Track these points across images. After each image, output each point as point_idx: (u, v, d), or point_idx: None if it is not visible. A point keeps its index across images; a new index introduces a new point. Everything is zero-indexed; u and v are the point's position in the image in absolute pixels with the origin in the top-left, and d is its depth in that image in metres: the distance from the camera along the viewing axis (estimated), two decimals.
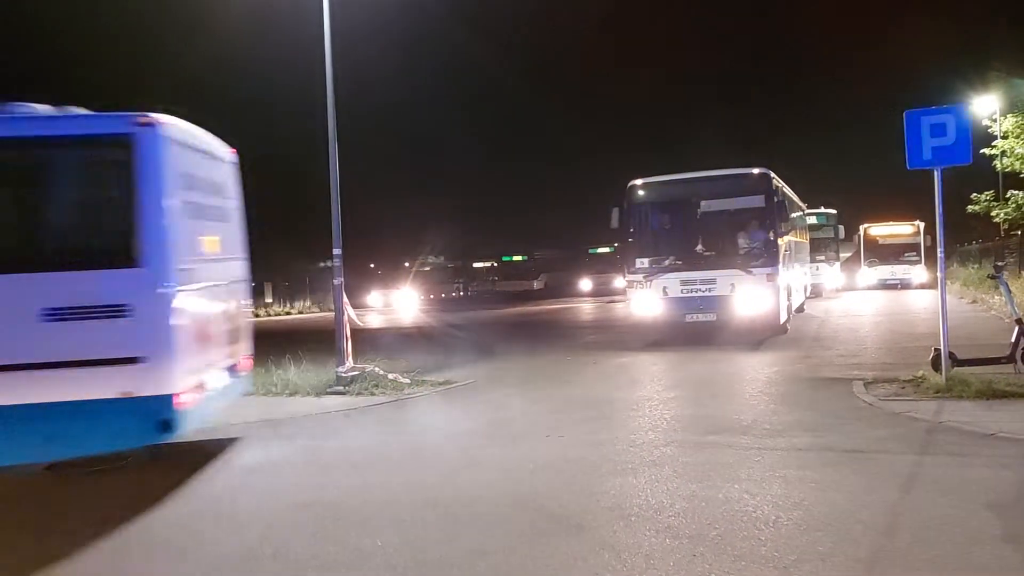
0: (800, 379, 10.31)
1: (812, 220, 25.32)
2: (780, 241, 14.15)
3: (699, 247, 14.68)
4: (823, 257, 27.23)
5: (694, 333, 14.60)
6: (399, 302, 44.69)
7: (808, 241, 23.27)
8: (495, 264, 59.21)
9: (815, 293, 25.71)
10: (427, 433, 8.33)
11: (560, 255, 54.92)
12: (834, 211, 29.60)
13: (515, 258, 53.78)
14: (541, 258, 51.56)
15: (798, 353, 12.80)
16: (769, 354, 12.93)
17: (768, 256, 13.85)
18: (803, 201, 22.74)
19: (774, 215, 14.00)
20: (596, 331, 20.41)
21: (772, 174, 14.36)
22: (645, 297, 14.47)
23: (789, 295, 15.54)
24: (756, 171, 14.29)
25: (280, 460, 7.41)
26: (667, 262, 14.61)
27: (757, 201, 14.24)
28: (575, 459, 6.68)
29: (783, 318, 14.46)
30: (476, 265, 59.67)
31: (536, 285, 49.07)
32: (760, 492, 5.47)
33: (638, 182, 14.85)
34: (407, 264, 50.26)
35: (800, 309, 19.39)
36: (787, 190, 17.09)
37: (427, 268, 51.60)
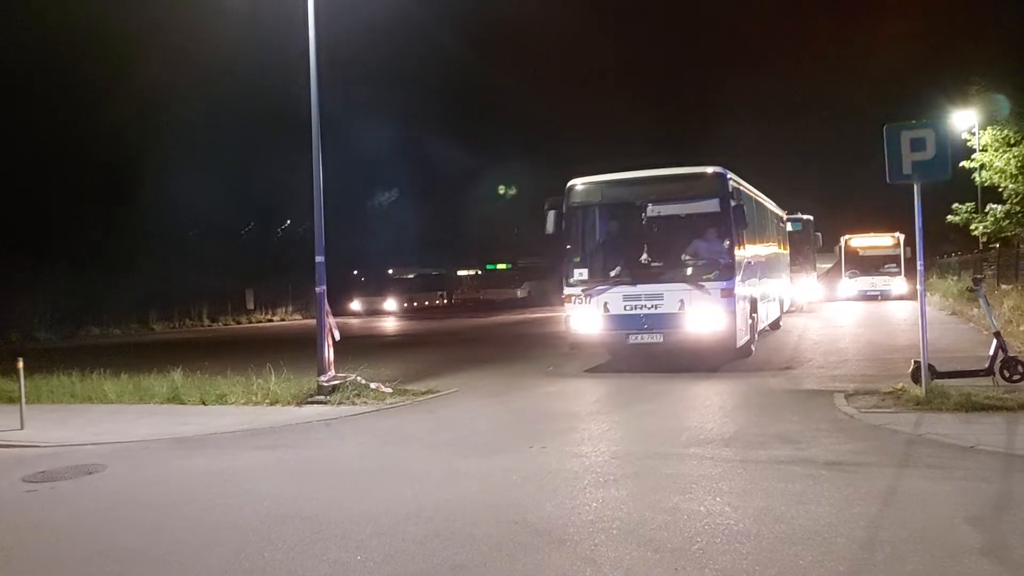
0: (781, 391, 10.35)
1: (788, 227, 23.02)
2: (739, 251, 12.42)
3: (645, 257, 12.75)
4: (798, 267, 24.97)
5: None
6: (382, 309, 44.53)
7: (787, 251, 21.50)
8: (479, 272, 59.13)
9: (793, 306, 24.04)
10: (408, 444, 8.26)
11: (544, 263, 54.95)
12: (809, 217, 27.18)
13: (499, 266, 53.72)
14: (525, 266, 51.52)
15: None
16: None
17: (724, 268, 12.03)
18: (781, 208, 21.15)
19: (731, 221, 12.07)
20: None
21: (730, 174, 12.44)
22: (584, 314, 12.58)
23: (753, 313, 13.79)
24: (710, 170, 12.33)
25: (259, 470, 7.33)
26: (609, 274, 12.85)
27: (711, 205, 12.35)
28: (557, 471, 6.65)
29: (742, 340, 12.58)
30: (460, 273, 59.55)
31: (520, 293, 49.03)
32: (742, 505, 5.47)
33: (577, 181, 13.03)
34: (390, 271, 50.05)
35: (776, 325, 18.46)
36: (753, 193, 15.28)
37: (411, 275, 51.42)
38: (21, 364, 10.02)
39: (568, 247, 13.09)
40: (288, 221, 50.18)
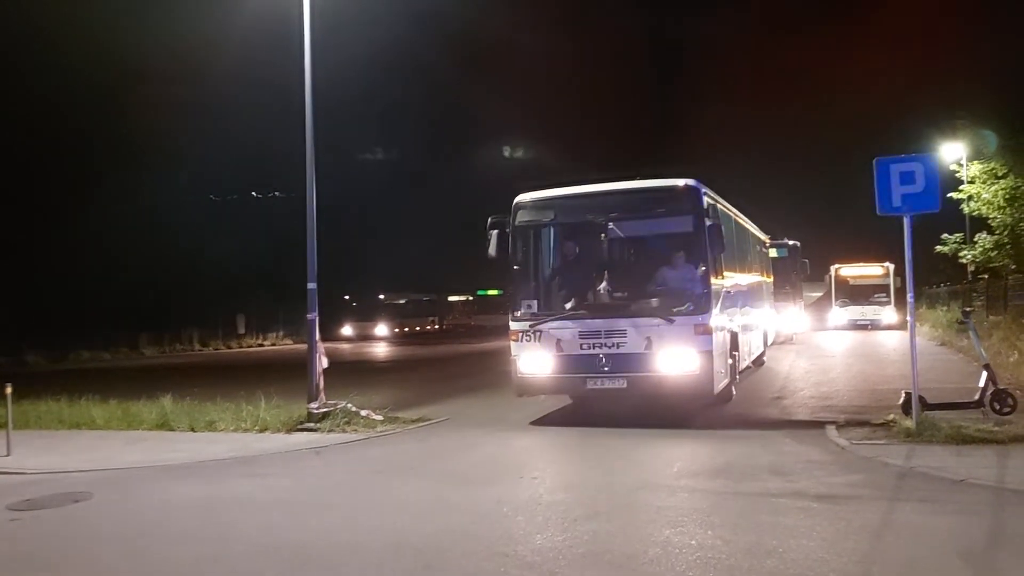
0: (774, 422, 10.34)
1: (773, 253, 21.52)
2: (716, 279, 10.51)
3: (605, 286, 10.73)
4: (784, 296, 23.38)
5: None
6: (373, 335, 44.37)
7: (771, 279, 19.80)
8: (470, 298, 59.14)
9: (779, 338, 22.56)
10: (399, 473, 8.20)
11: None
12: (796, 243, 25.37)
13: (490, 292, 53.80)
14: None
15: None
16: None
17: (698, 299, 10.05)
18: (765, 233, 19.53)
19: (707, 243, 10.12)
20: None
21: (704, 189, 10.50)
22: (532, 354, 10.43)
23: (733, 350, 11.75)
24: (681, 184, 10.31)
25: (247, 500, 7.25)
26: (562, 306, 10.87)
27: (683, 224, 10.45)
28: (549, 502, 6.61)
29: (720, 383, 10.59)
30: (451, 299, 59.56)
31: None
32: (734, 539, 5.44)
33: (526, 197, 10.98)
34: (382, 297, 50.03)
35: (759, 361, 16.65)
36: (732, 212, 13.62)
37: (402, 301, 51.39)
38: (9, 390, 9.93)
39: (514, 274, 11.03)
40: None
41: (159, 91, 38.39)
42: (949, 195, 22.48)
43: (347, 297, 46.86)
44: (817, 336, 28.92)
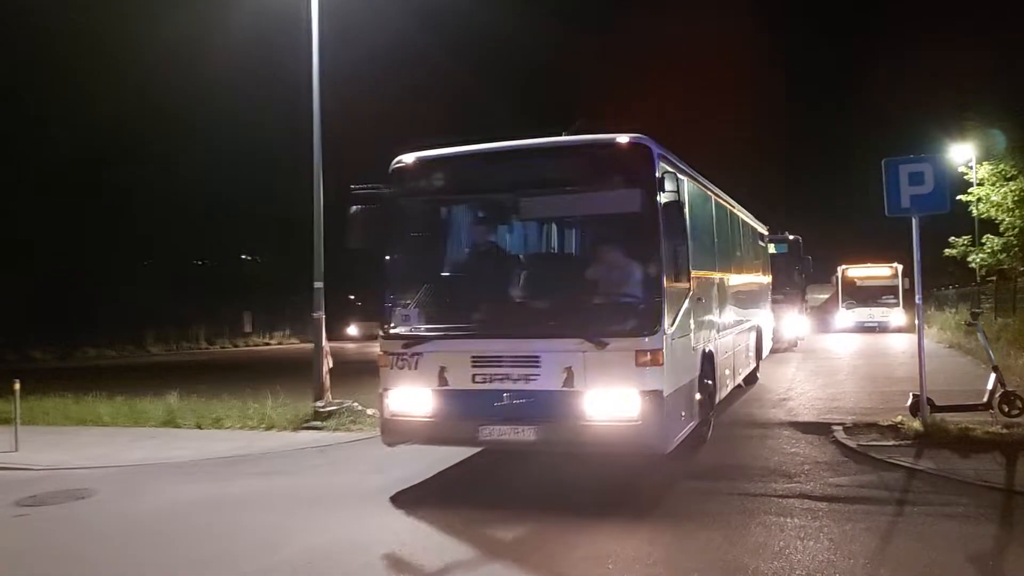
0: (780, 423, 10.29)
1: (771, 249, 18.02)
2: (674, 282, 7.07)
3: (514, 290, 7.54)
4: (781, 297, 19.79)
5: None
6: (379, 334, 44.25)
7: (768, 278, 16.34)
8: None
9: (779, 344, 19.66)
10: (404, 473, 8.14)
11: None
12: (797, 237, 22.30)
13: None
14: None
15: None
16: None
17: (644, 312, 6.70)
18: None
19: (659, 230, 6.71)
20: None
21: (660, 150, 6.98)
22: (406, 387, 7.15)
23: (706, 377, 8.51)
24: (624, 140, 6.84)
25: (251, 498, 7.25)
26: (452, 318, 7.40)
27: (626, 200, 6.95)
28: (555, 500, 6.59)
29: (681, 431, 7.28)
30: None
31: None
32: (740, 540, 5.41)
33: (409, 158, 7.51)
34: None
35: (752, 378, 13.87)
36: (708, 189, 9.88)
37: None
38: (18, 386, 9.98)
39: (387, 270, 7.56)
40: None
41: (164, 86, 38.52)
42: (958, 197, 22.36)
43: (352, 296, 46.86)
44: (823, 339, 28.43)
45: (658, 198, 6.72)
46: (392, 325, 7.34)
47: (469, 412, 6.89)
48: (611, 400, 6.53)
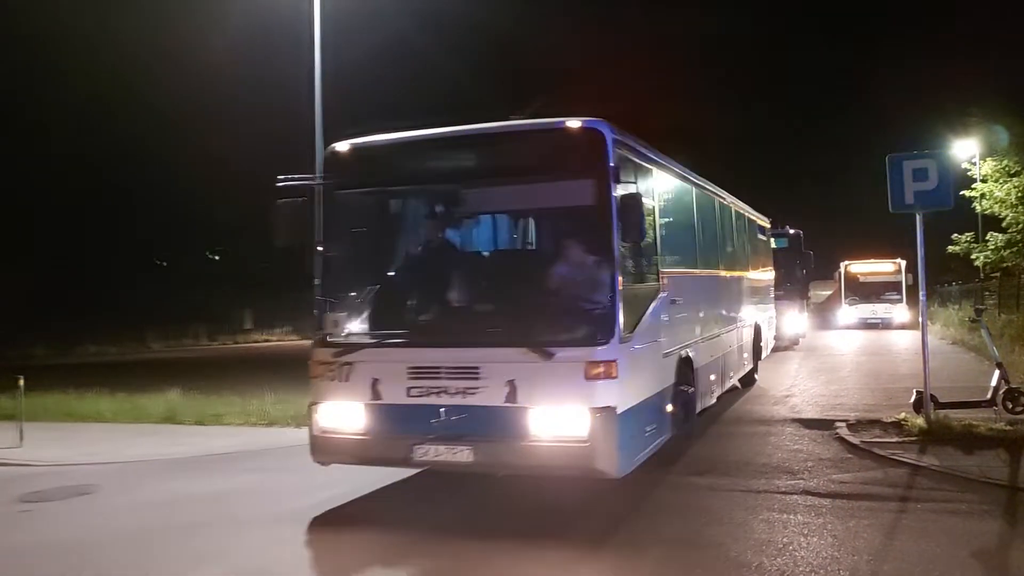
0: (783, 420, 10.27)
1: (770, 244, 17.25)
2: (634, 283, 6.59)
3: (455, 293, 6.93)
4: (782, 293, 18.82)
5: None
6: None
7: (770, 274, 15.83)
8: None
9: (781, 343, 18.85)
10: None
11: None
12: (798, 231, 21.63)
13: None
14: None
15: None
16: None
17: (596, 317, 6.02)
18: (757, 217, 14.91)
19: (611, 224, 5.95)
20: None
21: (615, 135, 6.20)
22: (339, 399, 6.46)
23: (682, 384, 7.74)
24: (575, 125, 6.11)
25: (251, 494, 7.25)
26: (385, 324, 6.80)
27: (577, 192, 6.42)
28: (553, 499, 6.58)
29: (641, 451, 6.48)
30: None
31: None
32: (743, 536, 5.40)
33: (342, 146, 6.89)
34: None
35: (749, 379, 13.18)
36: (685, 177, 9.03)
37: None
38: (22, 382, 10.00)
39: (320, 272, 7.01)
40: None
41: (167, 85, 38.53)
42: (961, 193, 22.30)
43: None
44: (826, 336, 28.12)
45: (612, 189, 5.98)
46: (323, 331, 6.63)
47: (403, 430, 6.18)
48: (557, 418, 5.82)
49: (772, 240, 17.23)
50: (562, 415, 5.80)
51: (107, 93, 36.04)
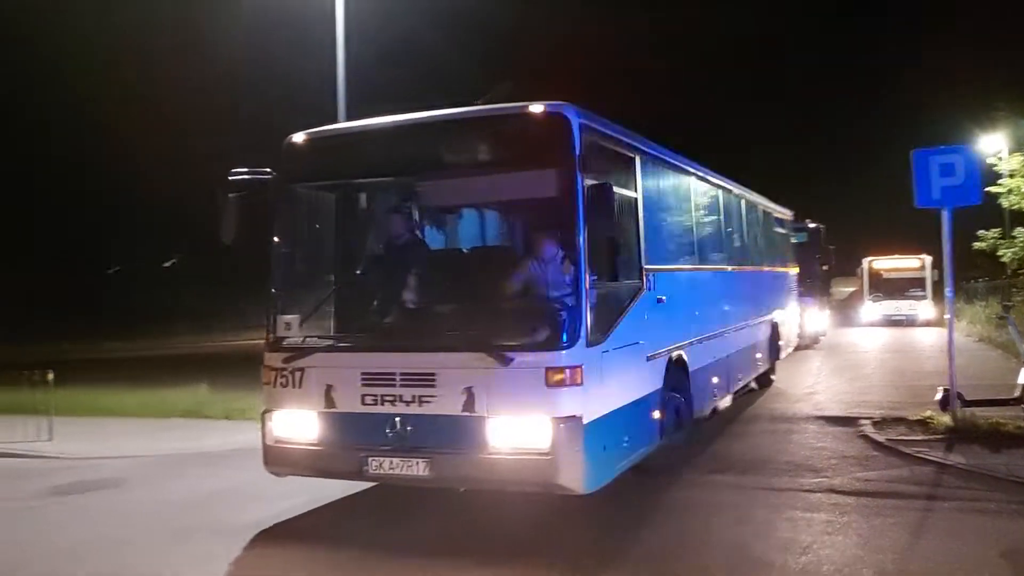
0: (806, 418, 10.21)
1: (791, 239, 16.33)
2: (607, 281, 5.92)
3: (413, 294, 6.51)
4: (802, 289, 17.41)
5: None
6: None
7: (791, 269, 15.20)
8: None
9: (801, 341, 17.36)
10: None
11: None
12: (819, 225, 20.63)
13: None
14: None
15: None
16: None
17: (559, 318, 5.54)
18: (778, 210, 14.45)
19: (579, 216, 5.50)
20: None
21: (583, 120, 5.72)
22: (291, 406, 6.08)
23: (673, 388, 7.27)
24: (538, 110, 5.68)
25: (279, 488, 7.31)
26: (339, 327, 6.63)
27: (541, 183, 5.93)
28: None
29: (615, 466, 5.91)
30: None
31: None
32: (767, 534, 5.39)
33: (298, 137, 6.49)
34: None
35: (765, 379, 12.71)
36: (679, 166, 8.43)
37: None
38: (51, 376, 10.17)
39: (273, 266, 6.53)
40: None
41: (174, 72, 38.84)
42: (987, 189, 21.96)
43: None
44: (849, 334, 27.58)
45: (579, 179, 5.51)
46: (275, 334, 6.23)
47: (356, 440, 5.79)
48: (518, 428, 5.39)
49: (792, 235, 16.32)
50: (523, 426, 5.37)
51: (107, 93, 36.46)
